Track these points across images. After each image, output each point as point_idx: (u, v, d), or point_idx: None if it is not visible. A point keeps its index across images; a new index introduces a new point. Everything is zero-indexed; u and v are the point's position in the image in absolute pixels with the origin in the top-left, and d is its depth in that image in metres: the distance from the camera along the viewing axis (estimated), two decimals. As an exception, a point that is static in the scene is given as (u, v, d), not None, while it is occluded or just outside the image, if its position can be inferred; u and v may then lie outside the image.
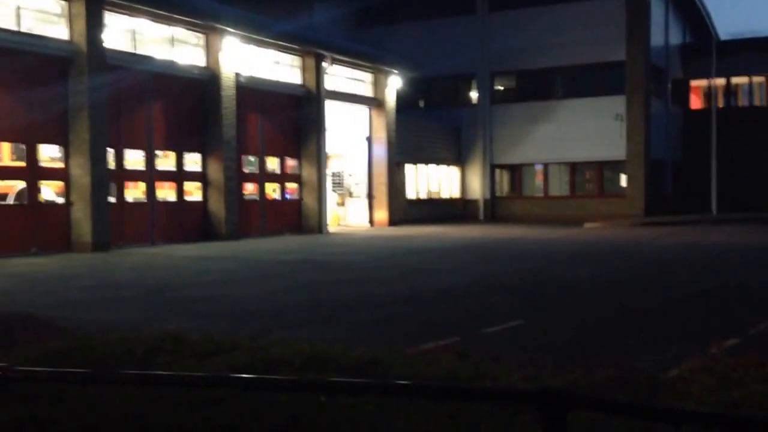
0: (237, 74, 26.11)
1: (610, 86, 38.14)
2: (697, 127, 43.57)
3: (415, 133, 37.84)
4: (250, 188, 27.71)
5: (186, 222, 24.89)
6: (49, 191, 21.62)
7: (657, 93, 40.63)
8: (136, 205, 23.58)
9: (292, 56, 29.55)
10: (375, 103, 33.97)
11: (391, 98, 34.29)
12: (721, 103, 44.90)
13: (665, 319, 10.44)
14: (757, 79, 46.78)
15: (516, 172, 41.24)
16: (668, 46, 42.92)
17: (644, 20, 38.10)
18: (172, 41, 24.66)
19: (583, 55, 38.20)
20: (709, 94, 44.57)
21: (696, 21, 47.54)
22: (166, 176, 24.72)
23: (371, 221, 33.79)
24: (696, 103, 47.45)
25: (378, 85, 34.09)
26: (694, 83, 46.66)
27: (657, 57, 40.22)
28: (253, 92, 27.29)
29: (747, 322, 9.87)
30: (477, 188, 41.05)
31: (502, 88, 41.74)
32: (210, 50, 25.57)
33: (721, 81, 44.71)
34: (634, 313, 10.98)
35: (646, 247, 22.83)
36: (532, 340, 9.10)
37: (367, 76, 33.88)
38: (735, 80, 46.29)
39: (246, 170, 27.37)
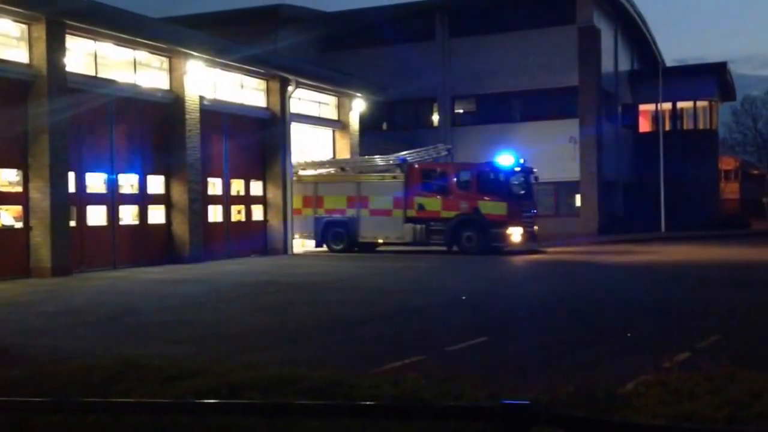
0: (201, 97, 26.07)
1: (564, 110, 39.25)
2: (646, 150, 44.69)
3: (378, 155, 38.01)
4: (215, 210, 27.59)
5: (149, 245, 24.71)
6: (7, 216, 21.35)
7: (608, 117, 41.79)
8: (98, 228, 23.34)
9: (257, 79, 29.59)
10: (339, 125, 34.13)
11: (354, 121, 34.48)
12: (668, 127, 46.11)
13: (620, 335, 10.61)
14: (701, 104, 48.20)
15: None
16: (618, 72, 44.23)
17: (595, 48, 39.36)
18: (136, 64, 24.57)
19: (539, 80, 39.24)
20: (656, 117, 45.83)
21: (643, 48, 49.02)
22: (128, 199, 24.54)
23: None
24: (644, 126, 48.75)
25: (342, 108, 34.26)
26: (642, 107, 47.95)
27: (607, 82, 41.39)
28: (217, 115, 27.25)
29: (696, 336, 10.10)
30: (440, 209, 41.37)
31: (462, 111, 42.53)
32: (174, 73, 25.51)
33: (667, 105, 45.97)
34: (592, 329, 11.14)
35: (600, 265, 23.13)
36: (494, 356, 9.20)
37: (331, 99, 34.04)
38: (681, 104, 47.72)
39: (211, 192, 27.28)
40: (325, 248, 30.27)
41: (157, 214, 25.31)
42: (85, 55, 22.95)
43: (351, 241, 29.58)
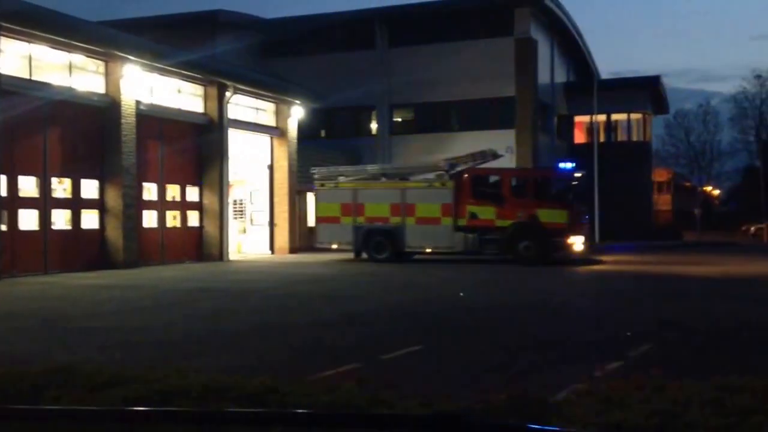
0: (138, 102, 25.71)
1: (502, 120, 39.63)
2: (581, 160, 45.34)
3: (317, 162, 38.00)
4: (149, 216, 27.20)
5: (82, 250, 24.26)
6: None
7: (544, 128, 42.31)
8: (30, 233, 22.85)
9: (195, 85, 29.30)
10: (277, 132, 33.97)
11: (293, 128, 34.37)
12: (602, 138, 47.03)
13: (555, 343, 10.75)
14: (635, 116, 49.37)
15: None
16: (554, 84, 44.84)
17: (532, 59, 39.96)
18: (72, 68, 24.14)
19: (477, 90, 39.68)
20: (591, 129, 46.71)
21: (579, 60, 50.02)
22: (62, 203, 24.07)
23: (272, 249, 33.62)
24: (579, 137, 49.62)
25: (280, 115, 34.12)
26: (577, 119, 48.90)
27: (544, 94, 42.05)
28: (154, 120, 26.90)
29: (628, 345, 10.30)
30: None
31: (401, 119, 42.72)
32: (110, 77, 25.12)
33: (602, 117, 46.84)
34: (527, 337, 11.25)
35: (536, 273, 23.39)
36: (429, 365, 9.24)
37: (270, 106, 33.87)
38: (615, 116, 48.71)
39: (146, 198, 26.89)
40: (267, 254, 29.85)
41: (90, 219, 24.87)
42: (20, 58, 22.49)
43: (395, 250, 28.06)
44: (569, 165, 27.77)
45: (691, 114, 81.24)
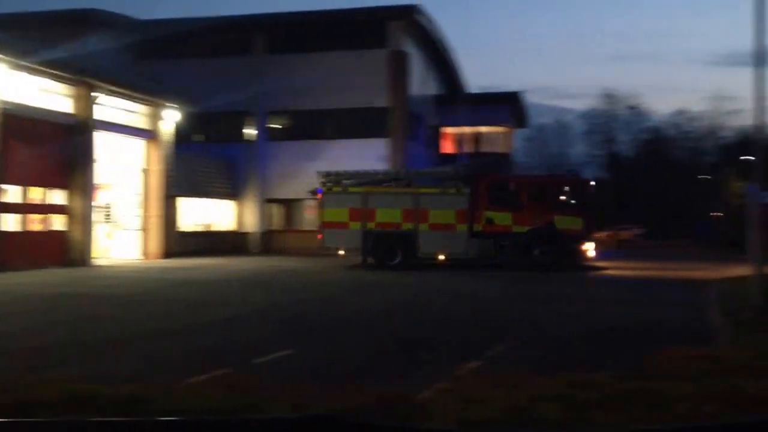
0: (1, 101, 24.69)
1: (375, 129, 40.14)
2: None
3: (191, 167, 37.61)
4: (10, 219, 26.14)
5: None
6: None
7: (414, 137, 43.17)
8: None
9: (64, 85, 28.34)
10: (150, 135, 33.29)
11: (167, 131, 33.79)
12: (469, 149, 48.60)
13: (419, 345, 11.08)
14: (498, 129, 51.47)
15: (289, 206, 41.98)
16: (425, 96, 45.86)
17: (404, 71, 40.72)
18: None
19: (352, 99, 40.14)
20: (458, 140, 48.14)
21: (449, 74, 51.34)
22: None
23: (144, 254, 32.92)
24: (448, 147, 51.02)
25: (154, 118, 33.46)
26: (446, 130, 50.20)
27: (415, 105, 42.86)
28: (18, 120, 25.86)
29: (485, 345, 10.76)
30: (251, 221, 41.55)
31: (277, 126, 42.67)
32: (-30, 74, 24.06)
33: (469, 129, 48.36)
34: (394, 341, 11.54)
35: (411, 278, 23.87)
36: (300, 368, 9.34)
37: (143, 109, 33.15)
38: (482, 129, 50.52)
39: (6, 200, 25.83)
40: (137, 259, 29.16)
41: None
42: None
43: (407, 256, 27.64)
44: (583, 172, 28.43)
45: (548, 128, 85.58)
